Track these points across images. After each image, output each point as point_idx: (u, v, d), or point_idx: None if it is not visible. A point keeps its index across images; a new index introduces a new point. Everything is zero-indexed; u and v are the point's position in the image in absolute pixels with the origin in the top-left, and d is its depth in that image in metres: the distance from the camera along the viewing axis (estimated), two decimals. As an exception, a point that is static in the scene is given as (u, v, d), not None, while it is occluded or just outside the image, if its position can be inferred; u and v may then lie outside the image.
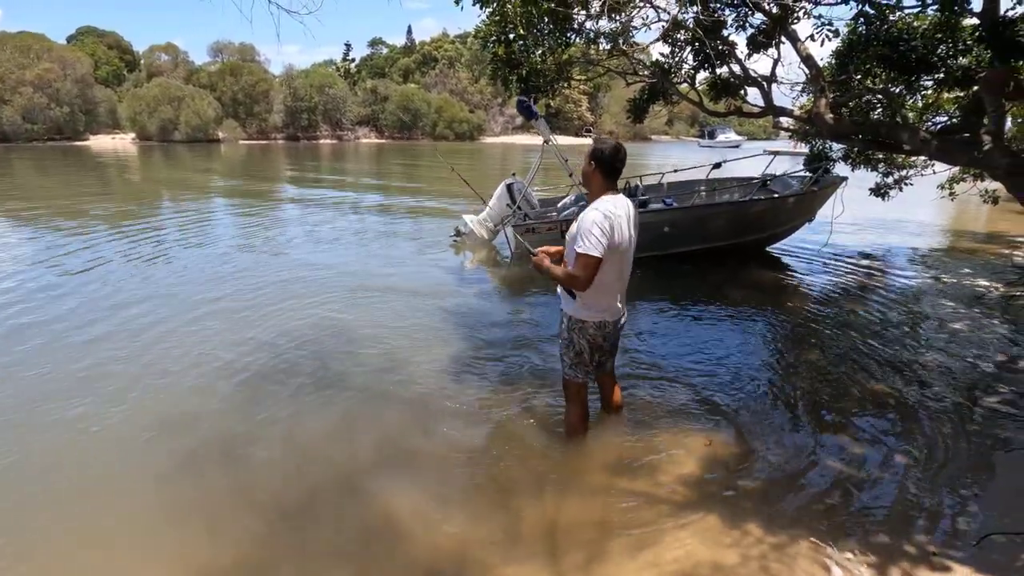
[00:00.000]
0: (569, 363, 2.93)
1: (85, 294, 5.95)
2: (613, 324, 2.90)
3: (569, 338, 2.88)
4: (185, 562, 2.41)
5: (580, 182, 8.66)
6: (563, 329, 2.91)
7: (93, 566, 2.42)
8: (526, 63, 5.53)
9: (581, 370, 2.93)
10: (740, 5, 5.03)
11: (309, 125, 52.53)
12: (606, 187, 2.72)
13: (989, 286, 6.59)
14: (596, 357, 2.94)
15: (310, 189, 17.34)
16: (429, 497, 2.78)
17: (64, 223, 10.07)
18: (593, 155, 2.70)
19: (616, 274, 2.76)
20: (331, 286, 6.35)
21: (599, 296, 2.76)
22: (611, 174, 2.71)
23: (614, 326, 2.92)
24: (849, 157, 7.75)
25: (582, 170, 2.80)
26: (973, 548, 2.41)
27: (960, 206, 11.87)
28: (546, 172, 8.63)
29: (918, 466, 3.02)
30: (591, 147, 2.73)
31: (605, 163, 2.68)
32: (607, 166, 2.69)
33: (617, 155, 2.68)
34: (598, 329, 2.84)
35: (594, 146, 2.71)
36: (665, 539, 2.48)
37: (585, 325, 2.82)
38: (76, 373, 4.06)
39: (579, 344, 2.86)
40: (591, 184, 2.77)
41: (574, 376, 2.96)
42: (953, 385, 4.00)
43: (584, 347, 2.86)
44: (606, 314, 2.83)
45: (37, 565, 2.42)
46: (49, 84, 40.40)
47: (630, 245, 2.77)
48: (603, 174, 2.70)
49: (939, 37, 4.28)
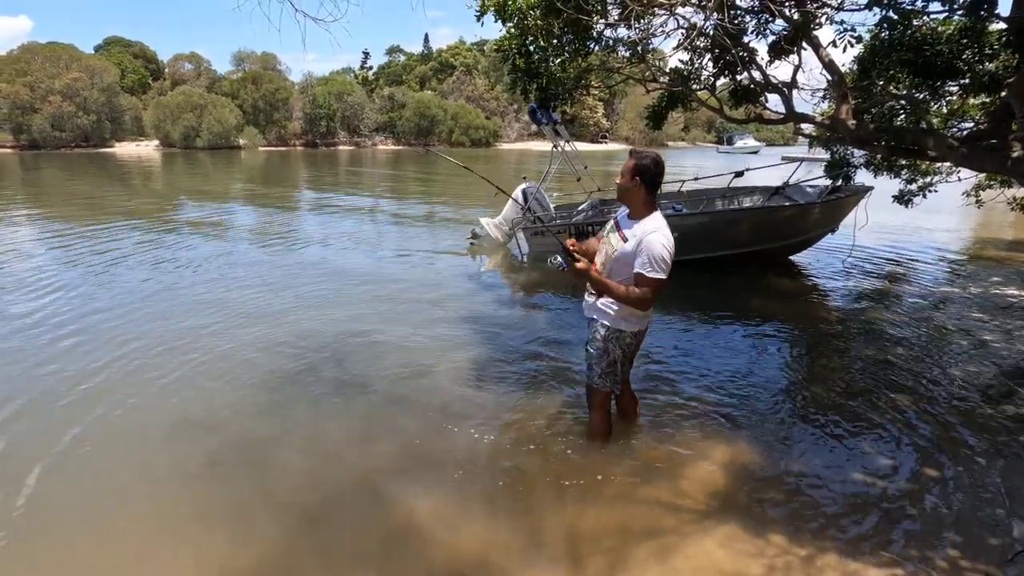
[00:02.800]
0: (600, 372, 2.92)
1: (111, 297, 6.08)
2: (644, 332, 2.93)
3: (604, 348, 2.86)
4: (210, 561, 2.46)
5: (594, 190, 8.83)
6: (598, 339, 2.87)
7: (120, 563, 2.47)
8: (545, 73, 5.57)
9: (611, 379, 2.94)
10: (761, 12, 5.01)
11: (327, 132, 53.27)
12: (651, 203, 2.68)
13: (1019, 295, 6.44)
14: (625, 366, 2.97)
15: (328, 194, 17.55)
16: (450, 501, 2.79)
17: (85, 227, 10.32)
18: (636, 170, 2.62)
19: None
20: (349, 291, 6.43)
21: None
22: (654, 189, 2.68)
23: (644, 333, 2.95)
24: (872, 164, 7.63)
25: (621, 185, 2.70)
26: (1006, 563, 2.36)
27: (987, 213, 11.61)
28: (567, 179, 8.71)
29: (947, 479, 2.96)
30: (631, 162, 2.65)
31: (648, 178, 2.63)
32: (651, 181, 2.63)
33: (660, 168, 2.65)
34: (634, 338, 2.87)
35: (636, 161, 2.63)
36: (688, 547, 2.47)
37: (623, 334, 2.82)
38: (103, 373, 4.16)
39: (614, 354, 2.86)
40: (634, 200, 2.69)
41: (603, 385, 2.96)
42: (983, 396, 3.92)
43: (619, 356, 2.87)
44: (643, 322, 2.87)
45: (63, 561, 2.47)
46: (77, 93, 41.53)
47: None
48: (648, 190, 2.66)
49: (965, 42, 4.21)
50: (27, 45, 44.25)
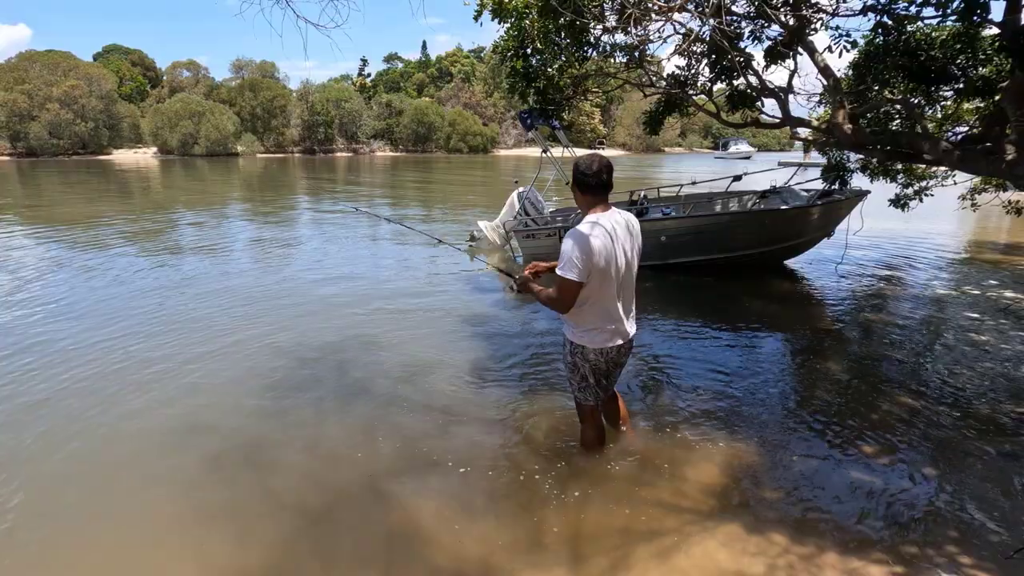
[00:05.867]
0: (576, 386, 2.87)
1: (116, 302, 6.08)
2: (616, 349, 2.74)
3: (572, 363, 2.79)
4: (212, 562, 2.45)
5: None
6: (567, 354, 2.83)
7: (123, 565, 2.47)
8: (542, 76, 5.61)
9: (590, 393, 2.86)
10: (757, 17, 5.06)
11: (325, 139, 53.42)
12: (592, 203, 2.61)
13: (1015, 297, 6.48)
14: (602, 381, 2.84)
15: (325, 201, 17.59)
16: (452, 503, 2.80)
17: (82, 234, 10.31)
18: (573, 173, 2.63)
19: (612, 295, 2.62)
20: (348, 294, 6.44)
21: (596, 319, 2.65)
22: (592, 190, 2.58)
23: (618, 350, 2.76)
24: (868, 168, 7.68)
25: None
26: (1005, 561, 2.37)
27: (982, 217, 11.70)
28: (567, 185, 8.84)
29: (947, 478, 2.97)
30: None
31: (579, 180, 2.59)
32: (582, 183, 2.58)
33: (592, 170, 2.54)
34: (599, 356, 2.73)
35: (574, 164, 2.64)
36: (690, 547, 2.47)
37: (585, 351, 2.72)
38: (103, 375, 4.15)
39: (583, 369, 2.77)
40: (579, 203, 2.68)
41: (584, 399, 2.90)
42: (981, 397, 3.94)
43: (588, 371, 2.78)
44: (607, 340, 2.69)
45: (67, 564, 2.47)
46: (75, 100, 41.63)
47: (626, 263, 2.63)
48: (582, 191, 2.61)
49: (958, 47, 4.27)
50: (25, 53, 44.36)
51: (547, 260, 3.04)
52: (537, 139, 7.73)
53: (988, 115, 4.82)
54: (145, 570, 2.44)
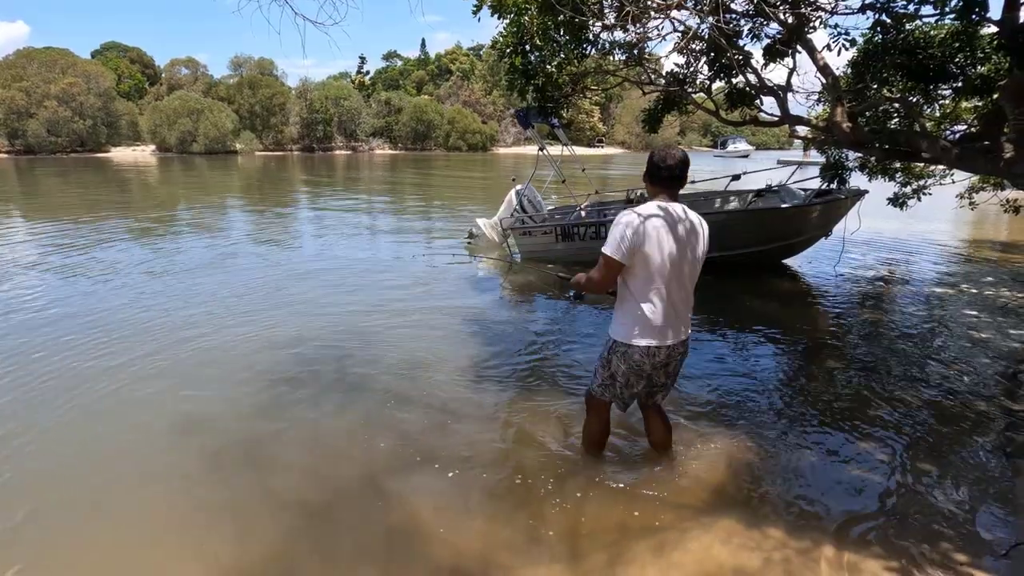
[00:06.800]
0: (600, 381, 2.80)
1: (112, 298, 6.08)
2: (667, 350, 2.61)
3: (608, 359, 2.71)
4: (212, 560, 2.45)
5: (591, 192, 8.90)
6: (604, 348, 2.77)
7: (122, 564, 2.47)
8: (541, 73, 5.61)
9: (609, 392, 2.79)
10: (756, 15, 5.06)
11: (324, 137, 53.33)
12: (656, 194, 2.61)
13: (1013, 295, 6.50)
14: (640, 387, 2.73)
15: (325, 198, 17.57)
16: (451, 499, 2.81)
17: (77, 229, 10.30)
18: (647, 163, 2.61)
19: (658, 287, 2.52)
20: (347, 291, 6.44)
21: (640, 311, 2.54)
22: (663, 182, 2.56)
23: (668, 352, 2.61)
24: (866, 167, 7.68)
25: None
26: (1001, 558, 2.39)
27: (980, 216, 11.73)
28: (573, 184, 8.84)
29: (944, 475, 2.99)
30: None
31: (651, 171, 2.59)
32: (654, 175, 2.58)
33: (665, 163, 2.52)
34: (645, 356, 2.58)
35: (649, 154, 2.64)
36: (687, 542, 2.48)
37: (630, 351, 2.60)
38: (101, 374, 4.16)
39: (617, 367, 2.68)
40: (649, 193, 2.66)
41: (601, 394, 2.84)
42: (979, 395, 3.95)
43: (622, 371, 2.67)
44: (653, 337, 2.56)
45: (67, 563, 2.47)
46: (73, 98, 41.52)
47: (682, 258, 2.56)
48: (652, 182, 2.61)
49: (957, 46, 4.27)
50: (23, 50, 44.21)
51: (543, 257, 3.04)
52: (534, 137, 7.76)
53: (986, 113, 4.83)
54: (144, 569, 2.44)
